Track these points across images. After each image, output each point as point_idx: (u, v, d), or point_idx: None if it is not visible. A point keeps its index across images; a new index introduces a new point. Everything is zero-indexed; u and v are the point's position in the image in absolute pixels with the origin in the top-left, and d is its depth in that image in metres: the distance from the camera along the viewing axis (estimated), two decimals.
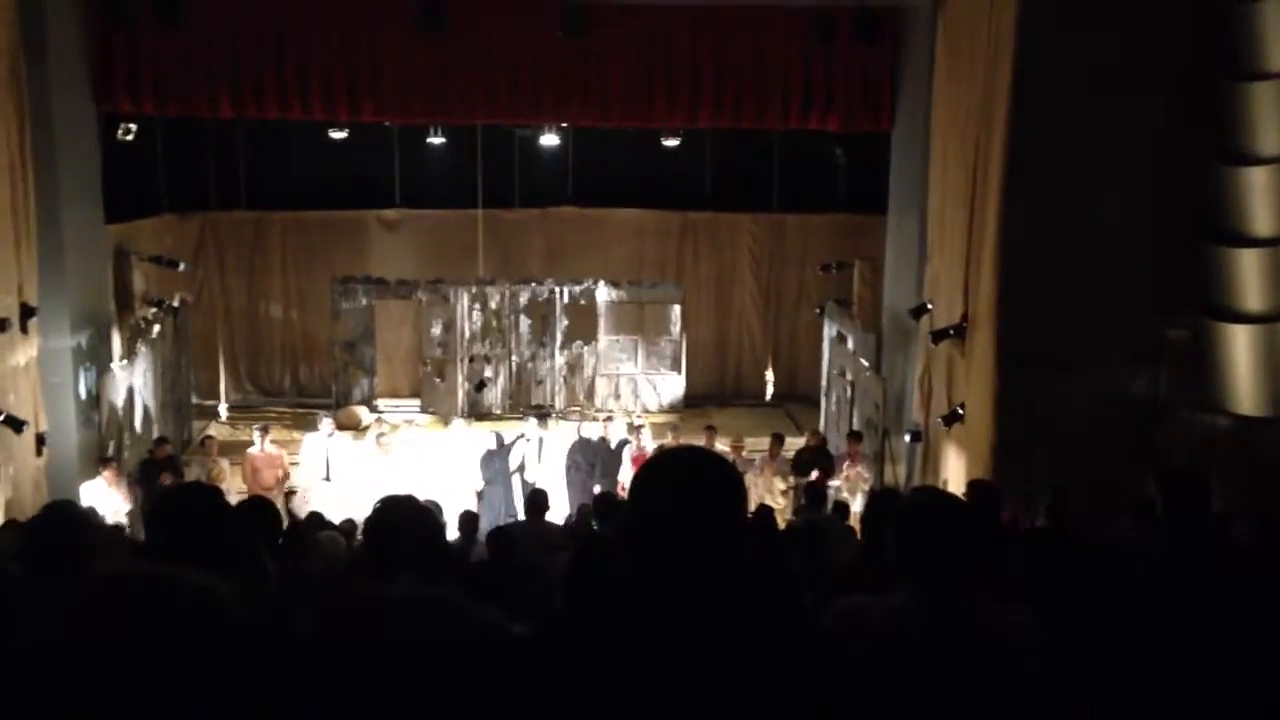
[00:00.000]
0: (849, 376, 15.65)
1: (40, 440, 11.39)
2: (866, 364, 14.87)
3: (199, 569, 1.51)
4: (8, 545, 6.06)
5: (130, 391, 14.02)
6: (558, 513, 10.87)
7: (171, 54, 13.25)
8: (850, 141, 16.55)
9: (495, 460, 13.18)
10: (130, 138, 14.04)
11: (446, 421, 16.40)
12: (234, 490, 11.82)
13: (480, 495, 12.94)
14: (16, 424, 10.62)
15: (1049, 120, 10.20)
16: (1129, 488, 7.78)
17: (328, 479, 13.10)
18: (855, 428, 14.45)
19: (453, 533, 9.02)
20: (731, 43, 14.07)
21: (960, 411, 11.46)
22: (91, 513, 8.23)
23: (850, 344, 15.86)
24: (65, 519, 4.23)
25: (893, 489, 11.65)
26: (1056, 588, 3.36)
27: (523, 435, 13.72)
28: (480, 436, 14.04)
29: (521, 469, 13.46)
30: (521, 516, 11.65)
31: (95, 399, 12.92)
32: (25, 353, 11.21)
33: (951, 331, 11.60)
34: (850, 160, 17.82)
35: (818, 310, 17.85)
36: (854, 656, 2.48)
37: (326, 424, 13.70)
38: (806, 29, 13.97)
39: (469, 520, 9.59)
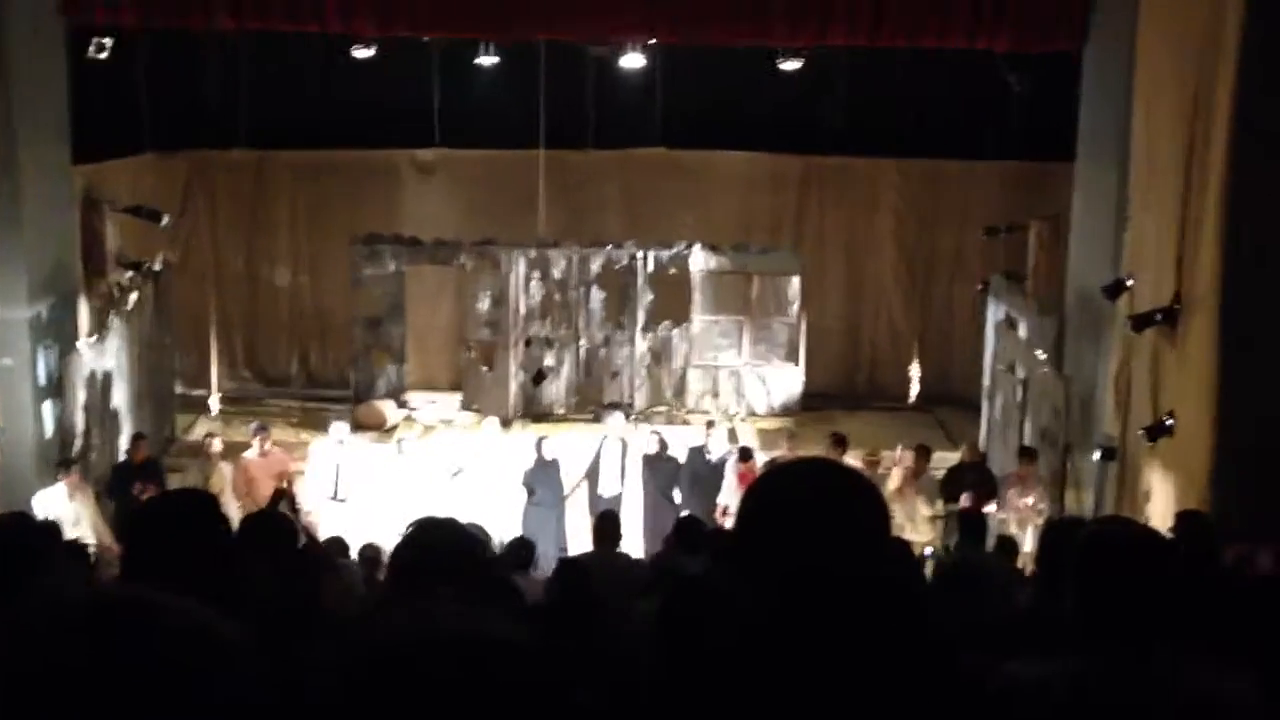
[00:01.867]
0: (1020, 374, 15.49)
1: None
2: (1044, 357, 14.70)
3: (190, 595, 1.55)
4: None
5: (100, 377, 14.40)
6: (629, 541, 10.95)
7: None
8: (1029, 65, 16.31)
9: (544, 476, 13.28)
10: (104, 55, 14.36)
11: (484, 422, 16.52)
12: (230, 504, 12.05)
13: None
14: None
15: None
16: None
17: (337, 498, 13.28)
18: (1027, 442, 14.30)
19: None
20: None
21: (1169, 422, 11.28)
22: (51, 527, 8.49)
23: (1023, 331, 15.69)
24: (17, 536, 4.36)
25: (1076, 520, 11.50)
26: None
27: (605, 436, 13.85)
28: (526, 443, 14.12)
29: (594, 479, 13.53)
30: (571, 548, 11.82)
31: (57, 385, 13.28)
32: None
33: (1160, 316, 11.41)
34: (1029, 90, 17.58)
35: (980, 287, 17.68)
36: None
37: (337, 428, 13.90)
38: None
39: (522, 548, 9.70)
